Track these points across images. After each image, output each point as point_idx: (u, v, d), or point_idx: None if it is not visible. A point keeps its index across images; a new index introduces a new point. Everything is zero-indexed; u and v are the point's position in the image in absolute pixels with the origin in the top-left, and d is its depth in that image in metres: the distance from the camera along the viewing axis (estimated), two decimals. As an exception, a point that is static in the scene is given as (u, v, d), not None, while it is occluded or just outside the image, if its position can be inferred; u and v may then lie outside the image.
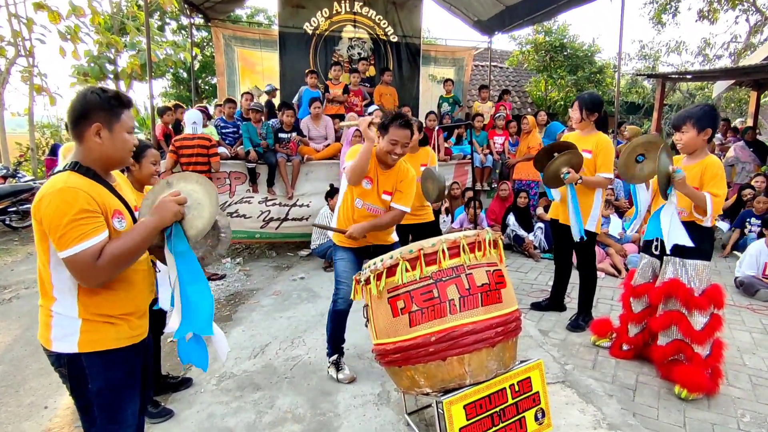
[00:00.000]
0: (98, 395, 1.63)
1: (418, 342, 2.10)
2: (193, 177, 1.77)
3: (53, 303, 1.59)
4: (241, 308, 4.51)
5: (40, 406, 2.90)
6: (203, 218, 1.70)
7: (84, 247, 1.47)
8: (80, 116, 1.56)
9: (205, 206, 1.71)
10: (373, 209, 2.98)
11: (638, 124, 16.38)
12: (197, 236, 1.69)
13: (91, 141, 1.58)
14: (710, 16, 15.59)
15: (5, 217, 7.91)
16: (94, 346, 1.60)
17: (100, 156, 1.61)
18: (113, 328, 1.63)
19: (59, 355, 1.61)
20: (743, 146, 7.98)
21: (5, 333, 3.97)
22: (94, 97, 1.57)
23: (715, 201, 2.80)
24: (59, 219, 1.45)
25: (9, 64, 10.85)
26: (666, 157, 2.83)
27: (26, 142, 12.20)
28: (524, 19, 8.42)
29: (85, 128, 1.56)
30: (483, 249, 2.22)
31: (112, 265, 1.53)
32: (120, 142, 1.63)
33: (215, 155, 5.41)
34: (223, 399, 2.92)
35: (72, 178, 1.53)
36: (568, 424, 2.59)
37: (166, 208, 1.62)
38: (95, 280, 1.53)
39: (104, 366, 1.62)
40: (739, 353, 3.53)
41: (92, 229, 1.49)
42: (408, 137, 2.81)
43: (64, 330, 1.59)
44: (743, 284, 4.89)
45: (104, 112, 1.57)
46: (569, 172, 3.57)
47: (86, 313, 1.59)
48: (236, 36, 8.64)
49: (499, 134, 7.52)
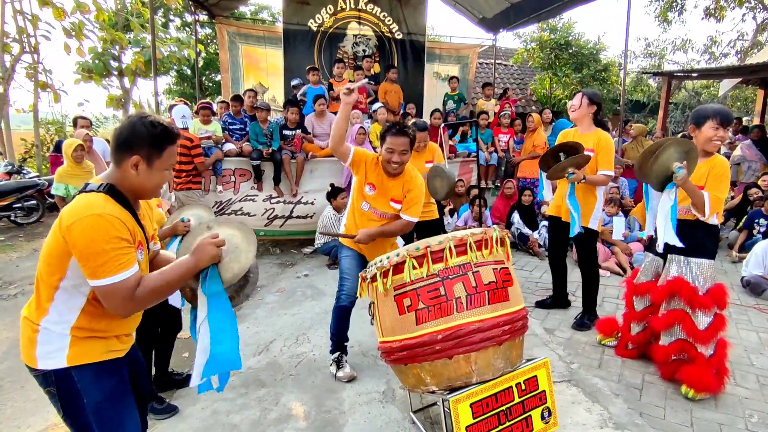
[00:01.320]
0: (96, 410, 1.56)
1: (424, 340, 2.09)
2: (233, 223, 1.82)
3: (44, 317, 1.52)
4: (245, 305, 4.50)
5: (45, 402, 2.86)
6: (240, 262, 1.71)
7: (124, 277, 1.45)
8: (124, 144, 1.54)
9: (242, 251, 1.74)
10: (380, 213, 2.98)
11: (643, 122, 16.29)
12: (233, 280, 1.70)
13: (127, 171, 1.55)
14: (717, 13, 15.49)
15: (10, 213, 7.94)
16: (84, 359, 1.54)
17: (131, 186, 1.58)
18: (103, 342, 1.59)
19: (46, 373, 1.53)
20: (750, 145, 7.92)
21: (11, 329, 3.98)
22: (143, 129, 1.54)
23: (713, 201, 2.79)
24: (98, 246, 1.41)
25: (14, 60, 10.87)
26: (674, 152, 2.79)
27: (31, 138, 12.23)
28: (529, 16, 8.37)
29: (125, 157, 1.54)
30: (490, 247, 2.21)
31: (149, 298, 1.52)
32: (156, 179, 1.61)
33: (198, 156, 5.36)
34: (227, 395, 2.92)
35: (109, 205, 1.49)
36: (574, 423, 2.58)
37: (205, 251, 1.61)
38: (129, 310, 1.50)
39: (96, 377, 1.56)
40: (746, 353, 3.51)
41: (129, 260, 1.48)
42: (406, 144, 2.81)
43: (51, 346, 1.52)
44: (750, 284, 4.86)
45: (148, 147, 1.55)
46: (574, 172, 3.56)
47: (79, 331, 1.54)
48: (240, 33, 8.62)
49: (504, 132, 7.49)
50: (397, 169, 2.87)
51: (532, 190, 6.63)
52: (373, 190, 2.92)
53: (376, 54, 8.82)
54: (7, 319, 4.19)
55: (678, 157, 2.80)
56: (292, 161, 6.05)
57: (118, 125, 1.60)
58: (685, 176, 2.74)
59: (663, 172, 2.82)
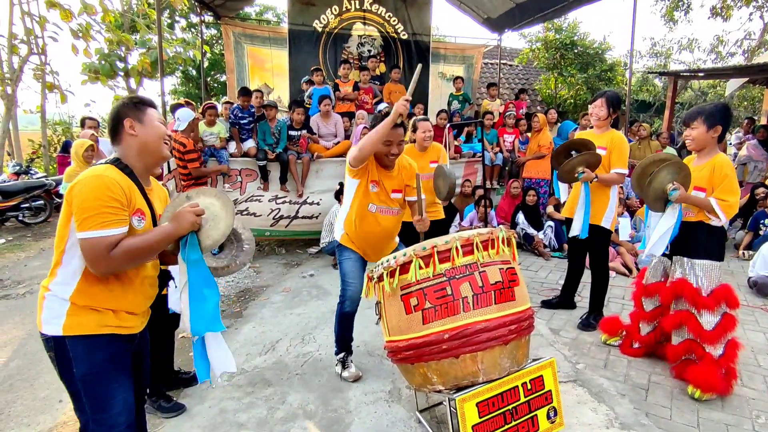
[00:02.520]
0: (83, 381, 1.66)
1: (431, 339, 2.10)
2: (212, 192, 1.90)
3: (52, 280, 1.66)
4: (251, 305, 4.53)
5: (54, 400, 2.94)
6: (219, 230, 1.80)
7: (103, 234, 1.55)
8: (115, 121, 1.75)
9: (221, 219, 1.82)
10: (387, 211, 2.95)
11: (648, 122, 16.21)
12: (212, 246, 1.79)
13: (127, 137, 1.74)
14: (723, 13, 15.40)
15: (18, 213, 8.01)
16: (77, 330, 1.64)
17: (138, 147, 1.75)
18: (97, 315, 1.67)
19: (48, 338, 1.67)
20: (756, 144, 7.87)
21: (20, 327, 4.02)
22: (121, 101, 1.79)
23: (723, 206, 2.79)
24: (89, 201, 1.55)
25: (22, 62, 10.95)
26: (666, 174, 2.90)
27: (38, 139, 12.32)
28: (534, 16, 8.36)
29: (120, 128, 1.74)
30: (496, 247, 2.22)
31: (124, 259, 1.60)
32: (152, 128, 1.78)
33: (192, 161, 5.34)
34: (234, 395, 2.94)
35: (110, 170, 1.65)
36: (580, 423, 2.58)
37: (185, 218, 1.72)
38: (103, 269, 1.59)
39: (86, 350, 1.65)
40: (753, 354, 3.50)
41: (115, 220, 1.58)
42: (401, 135, 2.80)
43: (53, 312, 1.64)
44: (756, 284, 4.84)
45: (132, 110, 1.76)
46: (584, 172, 3.56)
47: (78, 297, 1.64)
48: (246, 33, 8.65)
49: (509, 132, 7.48)
50: (394, 160, 2.87)
51: (536, 190, 6.63)
52: (376, 186, 2.89)
53: (381, 54, 8.83)
54: (16, 318, 4.23)
55: (671, 178, 2.89)
56: (298, 162, 6.07)
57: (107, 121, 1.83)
58: (680, 196, 2.84)
59: (659, 195, 2.95)
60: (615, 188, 3.72)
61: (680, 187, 2.85)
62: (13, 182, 8.30)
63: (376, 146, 2.70)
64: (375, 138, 2.62)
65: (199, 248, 1.76)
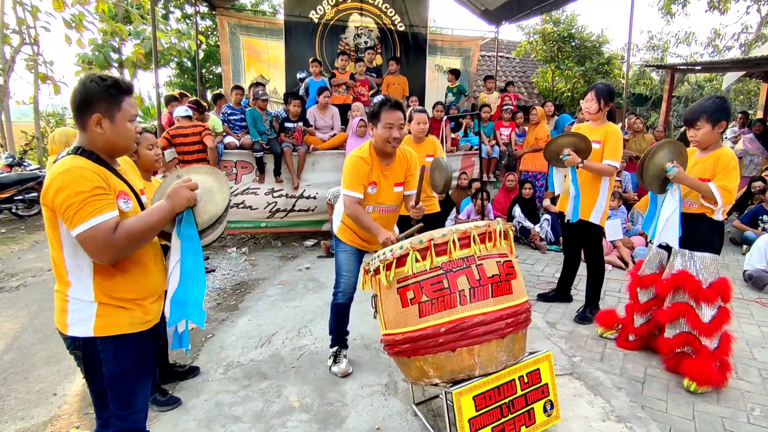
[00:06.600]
0: (111, 380, 1.66)
1: (427, 332, 2.09)
2: (203, 168, 1.88)
3: (69, 288, 1.61)
4: (247, 298, 4.51)
5: (49, 393, 2.92)
6: (216, 204, 1.78)
7: (99, 221, 1.49)
8: (81, 105, 1.57)
9: (216, 193, 1.80)
10: (386, 209, 2.92)
11: (645, 116, 16.23)
12: (210, 221, 1.76)
13: (93, 131, 1.59)
14: (721, 6, 15.33)
15: (11, 205, 7.95)
16: (108, 331, 1.62)
17: (104, 144, 1.62)
18: (127, 313, 1.65)
19: (75, 338, 1.64)
20: (752, 138, 7.88)
21: (14, 321, 3.99)
22: (94, 85, 1.55)
23: (723, 191, 2.79)
24: (71, 198, 1.46)
25: (14, 52, 10.83)
26: (664, 154, 2.92)
27: (31, 130, 12.23)
28: (532, 8, 8.29)
29: (87, 118, 1.57)
30: (493, 240, 2.20)
31: (128, 241, 1.54)
32: (122, 131, 1.63)
33: (207, 135, 5.45)
34: (230, 388, 2.93)
35: (76, 160, 1.54)
36: (576, 416, 2.58)
37: (180, 194, 1.67)
38: (110, 255, 1.53)
39: (116, 350, 1.65)
40: (748, 347, 3.51)
41: (104, 205, 1.51)
42: (401, 118, 2.70)
43: (80, 314, 1.61)
44: (752, 278, 4.86)
45: (105, 101, 1.57)
46: (569, 154, 3.53)
47: (102, 296, 1.61)
48: (241, 24, 8.55)
49: (505, 125, 7.46)
50: (397, 146, 2.77)
51: (533, 183, 6.62)
52: (375, 188, 2.82)
53: (378, 46, 8.75)
54: (9, 311, 4.20)
55: (669, 157, 2.93)
56: (294, 154, 6.03)
57: (72, 90, 1.60)
58: (679, 173, 2.85)
59: (659, 175, 2.96)
60: (605, 184, 3.67)
61: (679, 166, 2.87)
62: (6, 174, 8.23)
63: (365, 226, 2.69)
64: (367, 225, 2.66)
65: (194, 224, 1.72)
